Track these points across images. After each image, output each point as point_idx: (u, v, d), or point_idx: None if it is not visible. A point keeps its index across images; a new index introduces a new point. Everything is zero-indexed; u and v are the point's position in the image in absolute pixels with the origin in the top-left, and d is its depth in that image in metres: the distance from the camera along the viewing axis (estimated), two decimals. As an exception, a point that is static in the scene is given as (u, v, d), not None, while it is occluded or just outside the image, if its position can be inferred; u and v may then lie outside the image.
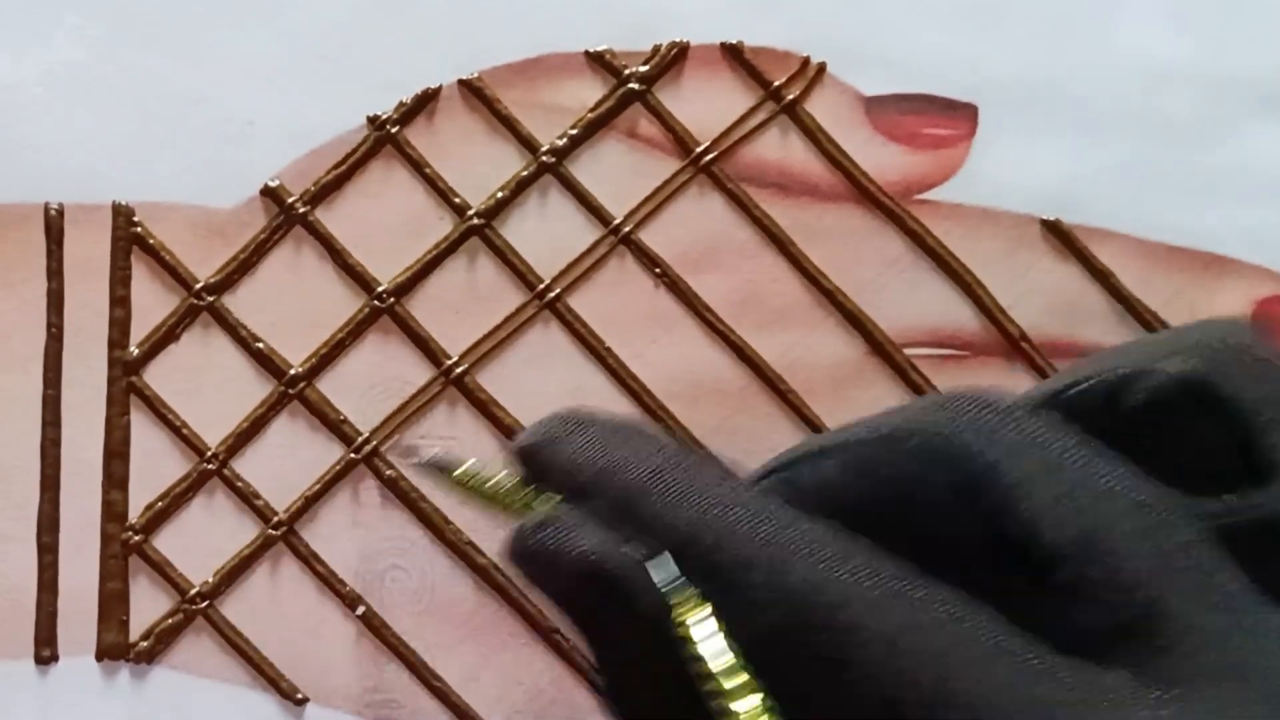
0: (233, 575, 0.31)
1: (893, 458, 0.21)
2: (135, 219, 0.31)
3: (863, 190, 0.31)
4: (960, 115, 0.31)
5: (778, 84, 0.31)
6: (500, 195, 0.31)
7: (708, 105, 0.31)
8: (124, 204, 0.31)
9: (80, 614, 0.30)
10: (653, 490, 0.21)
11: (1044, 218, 0.31)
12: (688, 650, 0.20)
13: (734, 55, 0.31)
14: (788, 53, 0.31)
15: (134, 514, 0.31)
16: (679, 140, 0.31)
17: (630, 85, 0.31)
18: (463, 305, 0.31)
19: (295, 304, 0.31)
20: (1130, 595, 0.19)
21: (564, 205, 0.31)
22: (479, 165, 0.31)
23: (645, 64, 0.31)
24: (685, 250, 0.31)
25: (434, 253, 0.31)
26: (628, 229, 0.31)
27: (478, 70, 0.31)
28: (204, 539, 0.31)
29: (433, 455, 0.28)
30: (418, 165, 0.31)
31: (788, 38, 0.31)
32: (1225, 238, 0.31)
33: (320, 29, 0.31)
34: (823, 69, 0.31)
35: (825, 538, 0.20)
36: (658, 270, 0.31)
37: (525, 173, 0.31)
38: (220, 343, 0.31)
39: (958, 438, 0.20)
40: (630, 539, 0.21)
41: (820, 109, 0.31)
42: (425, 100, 0.31)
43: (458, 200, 0.31)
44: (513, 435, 0.30)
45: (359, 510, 0.31)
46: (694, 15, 0.31)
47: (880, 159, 0.31)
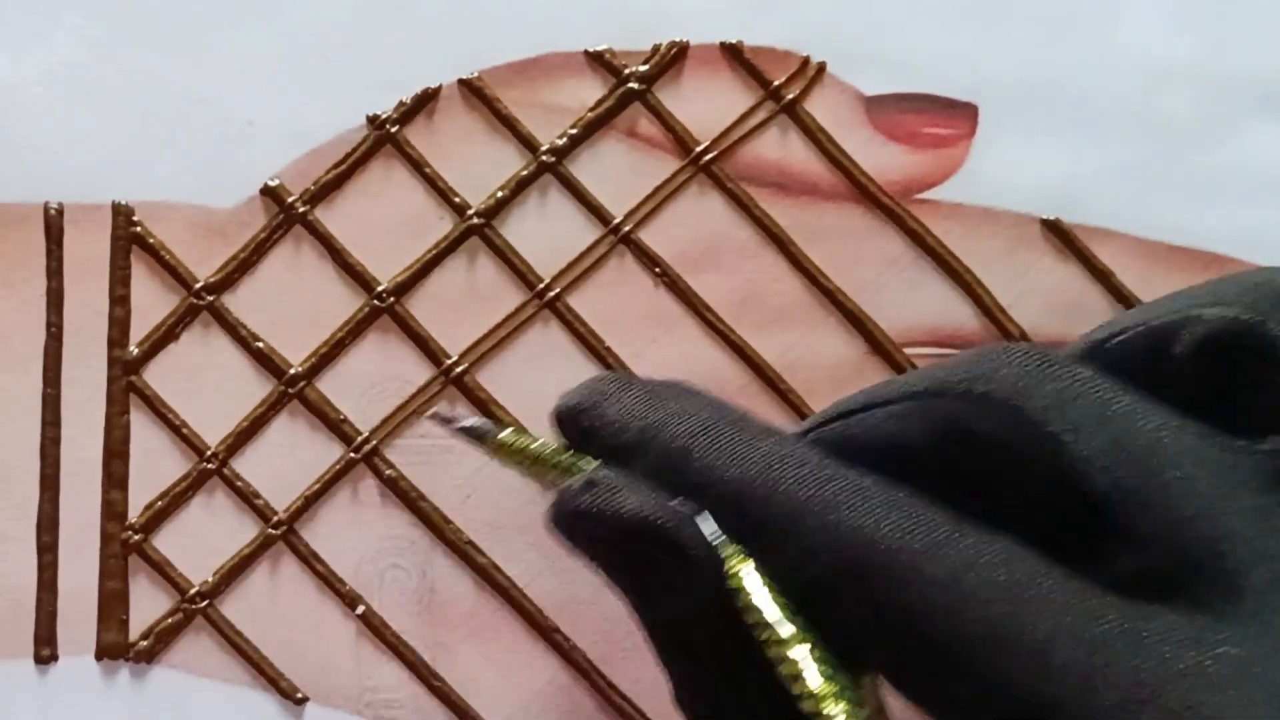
0: (232, 575, 0.31)
1: (941, 407, 0.21)
2: (135, 219, 0.31)
3: (863, 190, 0.31)
4: (960, 115, 0.31)
5: (778, 84, 0.31)
6: (500, 195, 0.31)
7: (707, 105, 0.31)
8: (124, 204, 0.31)
9: (80, 613, 0.30)
10: (698, 447, 0.21)
11: (1044, 217, 0.31)
12: (742, 600, 0.20)
13: (734, 55, 0.31)
14: (788, 52, 0.31)
15: (134, 513, 0.31)
16: (679, 140, 0.31)
17: (630, 85, 0.31)
18: (463, 305, 0.31)
19: (295, 304, 0.31)
20: (1189, 536, 0.19)
21: (564, 205, 0.31)
22: (479, 165, 0.31)
23: (645, 64, 0.31)
24: (685, 250, 0.31)
25: (434, 252, 0.31)
26: (628, 228, 0.31)
27: (478, 70, 0.31)
28: (204, 538, 0.31)
29: (470, 423, 0.28)
30: (418, 165, 0.31)
31: (788, 37, 0.31)
32: (1225, 238, 0.31)
33: (320, 29, 0.31)
34: (823, 69, 0.31)
35: (874, 487, 0.20)
36: (658, 270, 0.31)
37: (525, 172, 0.31)
38: (220, 342, 0.31)
39: (1006, 386, 0.20)
40: (677, 496, 0.21)
41: (820, 109, 0.31)
42: (425, 100, 0.31)
43: (458, 200, 0.31)
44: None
45: (359, 510, 0.31)
46: (694, 15, 0.31)
47: (880, 159, 0.31)
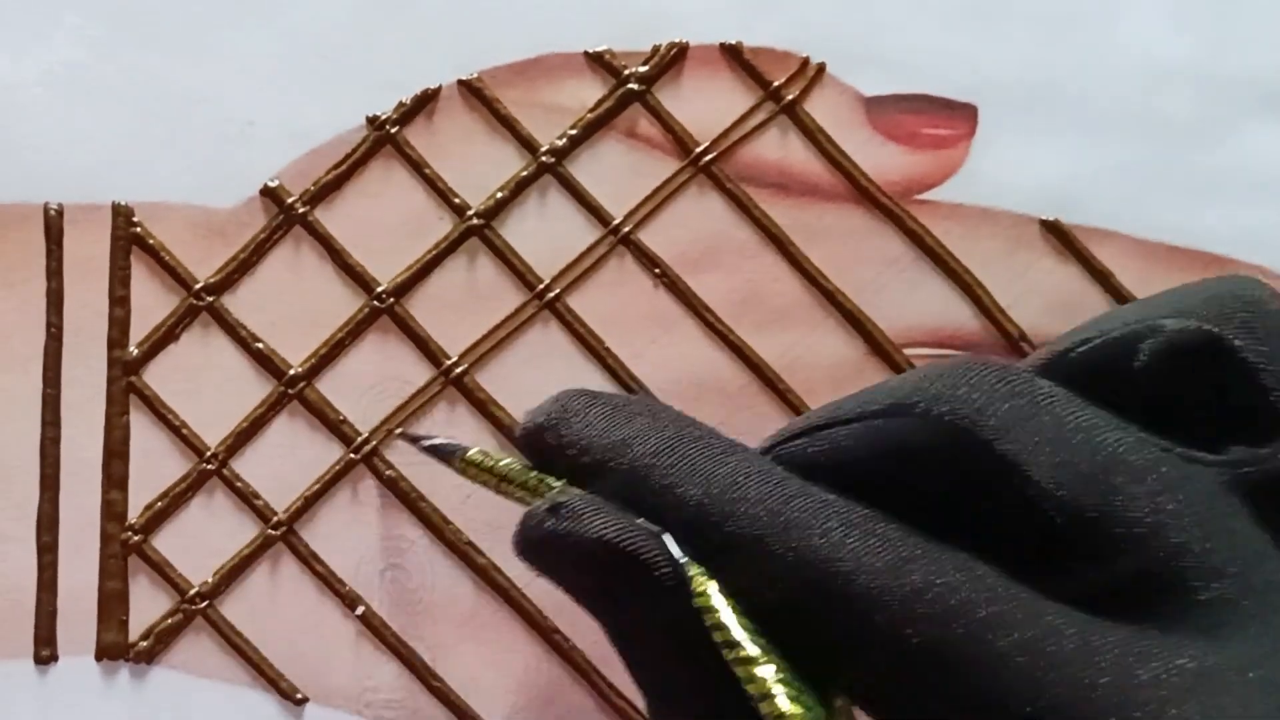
0: (232, 575, 0.31)
1: (897, 428, 0.21)
2: (135, 219, 0.31)
3: (863, 190, 0.31)
4: (960, 115, 0.31)
5: (777, 84, 0.31)
6: (500, 195, 0.31)
7: (707, 105, 0.31)
8: (124, 204, 0.31)
9: (80, 614, 0.30)
10: (660, 466, 0.21)
11: (1043, 218, 0.31)
12: (709, 619, 0.20)
13: (733, 55, 0.31)
14: (787, 53, 0.31)
15: (134, 514, 0.31)
16: (679, 140, 0.31)
17: (630, 85, 0.31)
18: (462, 305, 0.31)
19: (295, 304, 0.31)
20: (1145, 552, 0.19)
21: (563, 205, 0.31)
22: (479, 165, 0.31)
23: (645, 64, 0.31)
24: (685, 250, 0.31)
25: (434, 253, 0.31)
26: (627, 229, 0.31)
27: (478, 70, 0.31)
28: (204, 539, 0.31)
29: (437, 441, 0.28)
30: (417, 165, 0.31)
31: (787, 38, 0.31)
32: (1225, 238, 0.31)
33: (320, 29, 0.31)
34: (822, 69, 0.31)
35: (833, 507, 0.20)
36: (657, 270, 0.31)
37: (525, 173, 0.31)
38: (220, 343, 0.31)
39: (960, 406, 0.20)
40: (641, 516, 0.21)
41: (820, 109, 0.31)
42: (425, 100, 0.31)
43: (457, 200, 0.31)
44: (513, 434, 0.30)
45: (359, 510, 0.31)
46: (693, 15, 0.31)
47: (880, 159, 0.31)
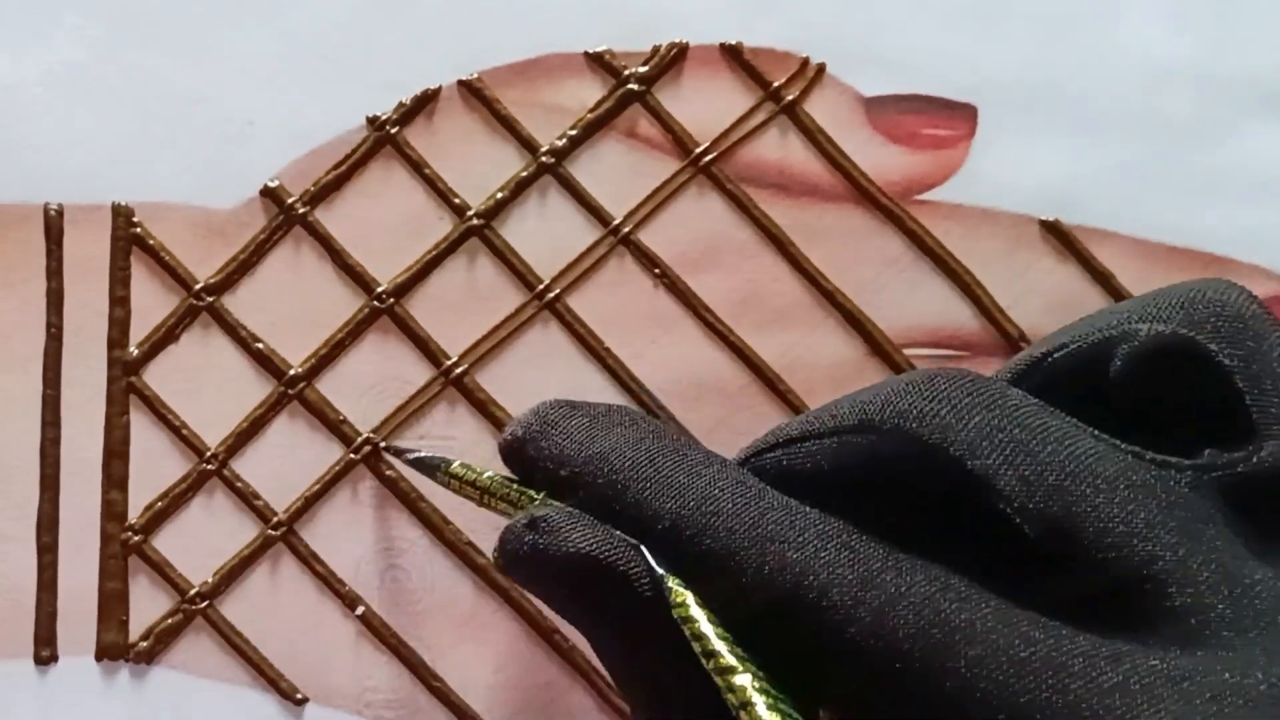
0: (232, 575, 0.31)
1: (867, 444, 0.21)
2: (135, 219, 0.31)
3: (862, 190, 0.31)
4: (960, 115, 0.31)
5: (777, 84, 0.31)
6: (500, 195, 0.31)
7: (707, 106, 0.31)
8: (124, 204, 0.31)
9: (80, 614, 0.30)
10: (636, 480, 0.21)
11: (1043, 218, 0.31)
12: (689, 629, 0.20)
13: (733, 56, 0.31)
14: (787, 53, 0.31)
15: (134, 514, 0.31)
16: (678, 140, 0.31)
17: (630, 85, 0.31)
18: (462, 305, 0.31)
19: (295, 304, 0.31)
20: (1113, 561, 0.19)
21: (563, 205, 0.31)
22: (479, 165, 0.31)
23: (645, 64, 0.31)
24: (685, 250, 0.31)
25: (434, 253, 0.31)
26: (627, 229, 0.31)
27: (477, 70, 0.31)
28: (204, 539, 0.31)
29: (421, 455, 0.28)
30: (417, 165, 0.31)
31: (787, 38, 0.31)
32: (1225, 238, 0.31)
33: (320, 29, 0.31)
34: (822, 69, 0.31)
35: (808, 520, 0.20)
36: (657, 270, 0.31)
37: (525, 173, 0.31)
38: (220, 343, 0.31)
39: (929, 421, 0.20)
40: (619, 528, 0.21)
41: (820, 109, 0.31)
42: (425, 100, 0.31)
43: (457, 200, 0.31)
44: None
45: (359, 510, 0.31)
46: (693, 15, 0.31)
47: (880, 159, 0.31)
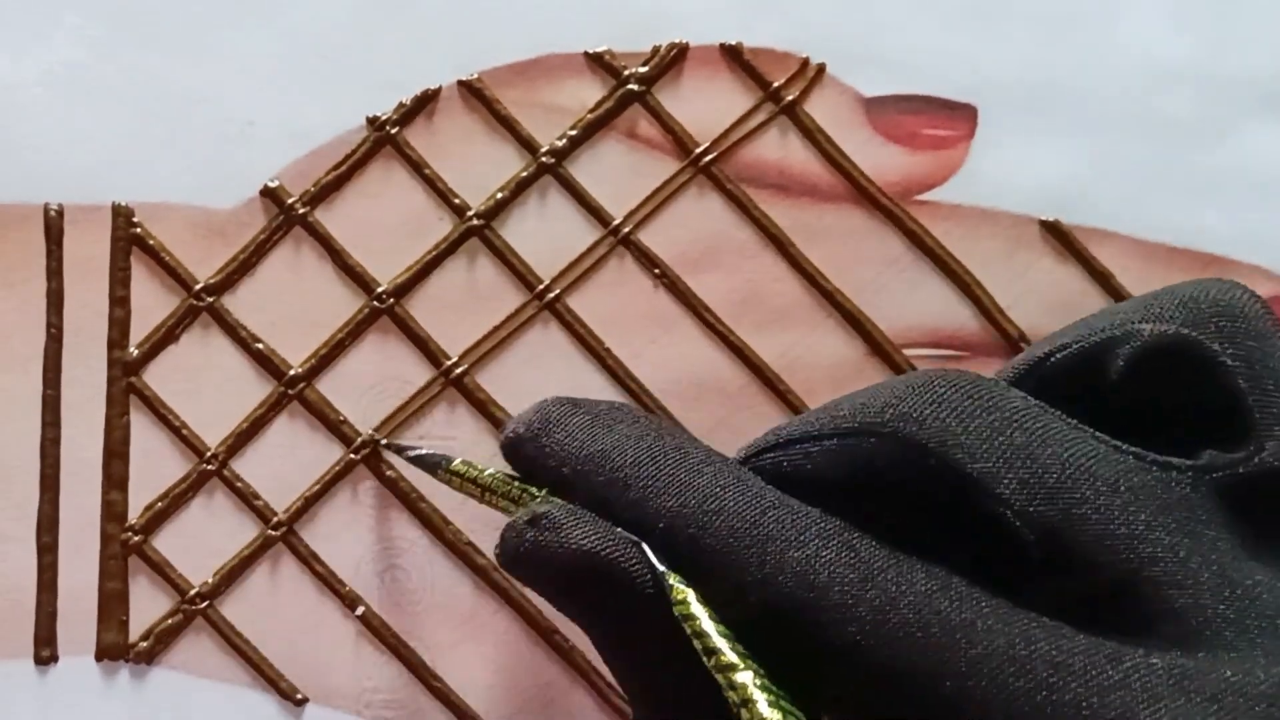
0: (232, 575, 0.31)
1: (867, 447, 0.21)
2: (135, 219, 0.31)
3: (862, 190, 0.31)
4: (960, 115, 0.31)
5: (777, 84, 0.31)
6: (500, 196, 0.31)
7: (707, 106, 0.31)
8: (124, 204, 0.31)
9: (80, 614, 0.30)
10: (638, 478, 0.21)
11: (1043, 218, 0.31)
12: (690, 627, 0.20)
13: (733, 56, 0.31)
14: (787, 53, 0.31)
15: (134, 514, 0.31)
16: (678, 141, 0.31)
17: (630, 86, 0.31)
18: (462, 305, 0.31)
19: (295, 304, 0.31)
20: (1112, 562, 0.19)
21: (563, 206, 0.31)
22: (479, 166, 0.31)
23: (645, 64, 0.31)
24: (685, 250, 0.31)
25: (434, 253, 0.31)
26: (627, 229, 0.31)
27: (477, 70, 0.31)
28: (204, 539, 0.31)
29: (422, 452, 0.28)
30: (417, 166, 0.31)
31: (787, 38, 0.31)
32: (1225, 238, 0.31)
33: (320, 29, 0.31)
34: (822, 69, 0.31)
35: (809, 519, 0.20)
36: (657, 270, 0.31)
37: (525, 173, 0.31)
38: (220, 343, 0.31)
39: (928, 425, 0.21)
40: (620, 525, 0.21)
41: (820, 109, 0.31)
42: (425, 101, 0.31)
43: (457, 201, 0.31)
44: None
45: (359, 510, 0.31)
46: (693, 16, 0.31)
47: (880, 159, 0.31)
